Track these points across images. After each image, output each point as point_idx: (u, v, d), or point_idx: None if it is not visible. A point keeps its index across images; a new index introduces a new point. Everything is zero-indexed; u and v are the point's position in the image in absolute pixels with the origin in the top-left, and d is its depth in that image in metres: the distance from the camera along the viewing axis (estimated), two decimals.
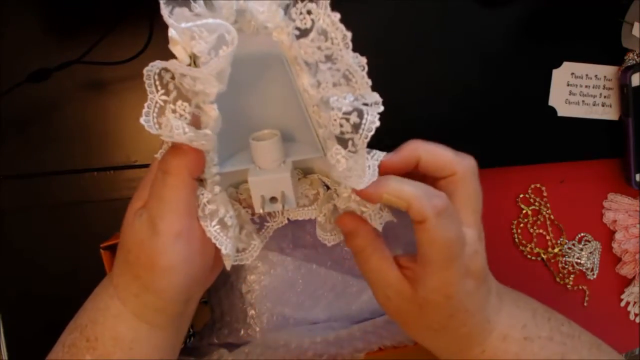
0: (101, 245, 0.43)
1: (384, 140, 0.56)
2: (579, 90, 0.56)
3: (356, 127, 0.29)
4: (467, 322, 0.34)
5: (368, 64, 0.28)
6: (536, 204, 0.59)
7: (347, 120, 0.28)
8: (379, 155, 0.33)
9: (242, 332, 0.48)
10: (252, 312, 0.49)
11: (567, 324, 0.38)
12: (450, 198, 0.32)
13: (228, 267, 0.35)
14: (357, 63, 0.29)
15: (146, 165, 0.52)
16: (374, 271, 0.34)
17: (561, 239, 0.59)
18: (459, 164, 0.33)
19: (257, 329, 0.48)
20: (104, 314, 0.35)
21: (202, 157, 0.32)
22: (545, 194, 0.58)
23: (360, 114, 0.28)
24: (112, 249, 0.44)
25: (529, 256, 0.59)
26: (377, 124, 0.29)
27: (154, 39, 0.48)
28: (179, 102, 0.30)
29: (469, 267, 0.32)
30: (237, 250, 0.36)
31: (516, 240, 0.59)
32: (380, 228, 0.34)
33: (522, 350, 0.35)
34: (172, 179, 0.31)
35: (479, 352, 0.35)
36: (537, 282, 0.60)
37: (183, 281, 0.33)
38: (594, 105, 0.57)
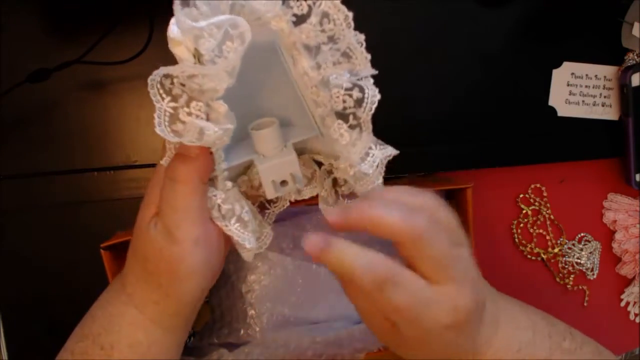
0: (101, 245, 0.43)
1: (384, 140, 0.56)
2: (579, 90, 0.56)
3: (359, 102, 0.31)
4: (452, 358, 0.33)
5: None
6: (536, 204, 0.59)
7: (350, 96, 0.30)
8: (390, 151, 0.34)
9: (242, 332, 0.48)
10: (252, 312, 0.49)
11: (569, 338, 0.38)
12: (410, 261, 0.30)
13: (250, 259, 0.36)
14: (356, 40, 0.30)
15: (146, 166, 0.52)
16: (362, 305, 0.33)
17: (561, 239, 0.59)
18: (405, 232, 0.29)
19: (257, 328, 0.48)
20: (119, 322, 0.35)
21: (211, 160, 0.32)
22: (545, 194, 0.58)
23: (362, 89, 0.30)
24: (112, 249, 0.44)
25: (529, 256, 0.59)
26: (379, 96, 0.31)
27: (154, 39, 0.48)
28: (193, 104, 0.29)
29: (443, 323, 0.31)
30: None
31: (516, 240, 0.59)
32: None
33: None
34: (183, 186, 0.31)
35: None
36: (537, 282, 0.60)
37: (203, 284, 0.34)
38: (594, 105, 0.57)
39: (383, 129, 0.54)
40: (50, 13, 0.51)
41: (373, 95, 0.30)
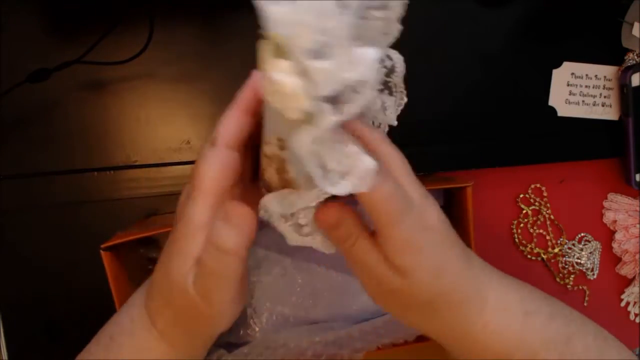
0: (101, 246, 0.43)
1: None
2: (579, 90, 0.56)
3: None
4: (454, 283, 0.32)
5: None
6: (536, 204, 0.59)
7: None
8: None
9: (241, 331, 0.48)
10: (251, 311, 0.49)
11: (568, 309, 0.37)
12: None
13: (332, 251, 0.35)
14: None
15: (146, 166, 0.52)
16: (359, 259, 0.32)
17: (561, 239, 0.59)
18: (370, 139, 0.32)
19: (257, 328, 0.48)
20: (148, 355, 0.35)
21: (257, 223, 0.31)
22: (545, 194, 0.58)
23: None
24: (112, 250, 0.44)
25: (529, 256, 0.59)
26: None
27: (154, 39, 0.48)
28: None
29: (425, 222, 0.31)
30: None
31: (516, 240, 0.59)
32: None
33: (524, 326, 0.34)
34: (230, 258, 0.30)
35: (480, 327, 0.33)
36: (537, 282, 0.59)
37: (232, 319, 0.35)
38: (594, 105, 0.57)
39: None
40: (50, 13, 0.51)
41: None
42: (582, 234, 0.59)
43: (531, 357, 0.34)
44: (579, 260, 0.59)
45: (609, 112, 0.57)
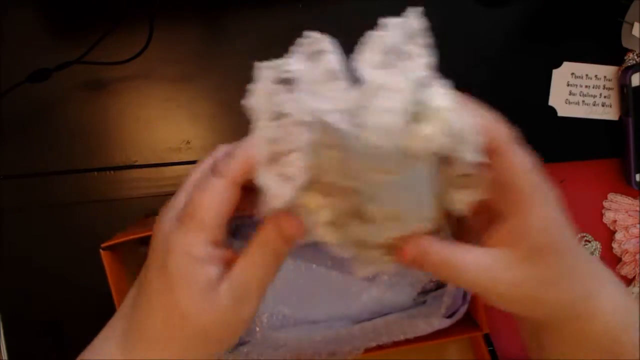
0: (101, 245, 0.43)
1: None
2: (579, 90, 0.56)
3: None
4: (579, 268, 0.30)
5: None
6: None
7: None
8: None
9: None
10: None
11: None
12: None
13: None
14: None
15: (146, 166, 0.52)
16: (455, 269, 0.29)
17: None
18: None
19: (257, 328, 0.48)
20: None
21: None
22: None
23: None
24: (112, 249, 0.44)
25: None
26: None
27: (154, 39, 0.48)
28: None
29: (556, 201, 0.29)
30: None
31: None
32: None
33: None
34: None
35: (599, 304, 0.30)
36: None
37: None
38: (594, 105, 0.57)
39: None
40: (50, 13, 0.51)
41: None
42: (582, 234, 0.59)
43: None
44: None
45: (609, 112, 0.57)
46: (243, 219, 0.42)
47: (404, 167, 0.26)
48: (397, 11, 0.57)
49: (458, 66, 0.54)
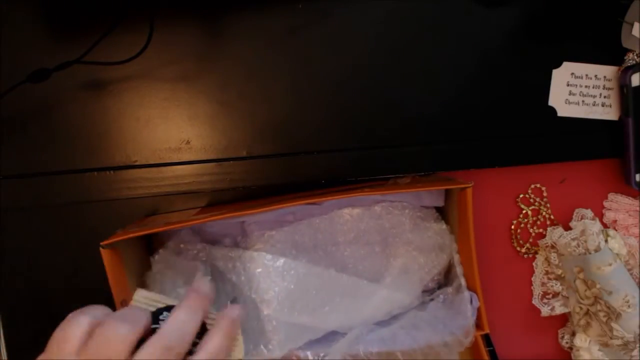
0: (101, 243, 0.43)
1: (383, 139, 0.56)
2: (579, 90, 0.56)
3: None
4: None
5: (367, 63, 0.28)
6: (536, 204, 0.59)
7: None
8: None
9: (261, 346, 0.48)
10: (269, 326, 0.48)
11: None
12: None
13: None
14: None
15: (146, 166, 0.52)
16: None
17: None
18: None
19: (275, 342, 0.48)
20: None
21: None
22: (545, 194, 0.58)
23: None
24: (112, 247, 0.44)
25: (526, 256, 0.59)
26: None
27: (154, 39, 0.48)
28: None
29: None
30: None
31: (516, 240, 0.59)
32: None
33: None
34: None
35: None
36: None
37: None
38: (594, 105, 0.57)
39: (383, 129, 0.54)
40: (50, 13, 0.51)
41: None
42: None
43: None
44: None
45: (609, 112, 0.57)
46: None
47: None
48: (397, 12, 0.57)
49: (458, 66, 0.54)
